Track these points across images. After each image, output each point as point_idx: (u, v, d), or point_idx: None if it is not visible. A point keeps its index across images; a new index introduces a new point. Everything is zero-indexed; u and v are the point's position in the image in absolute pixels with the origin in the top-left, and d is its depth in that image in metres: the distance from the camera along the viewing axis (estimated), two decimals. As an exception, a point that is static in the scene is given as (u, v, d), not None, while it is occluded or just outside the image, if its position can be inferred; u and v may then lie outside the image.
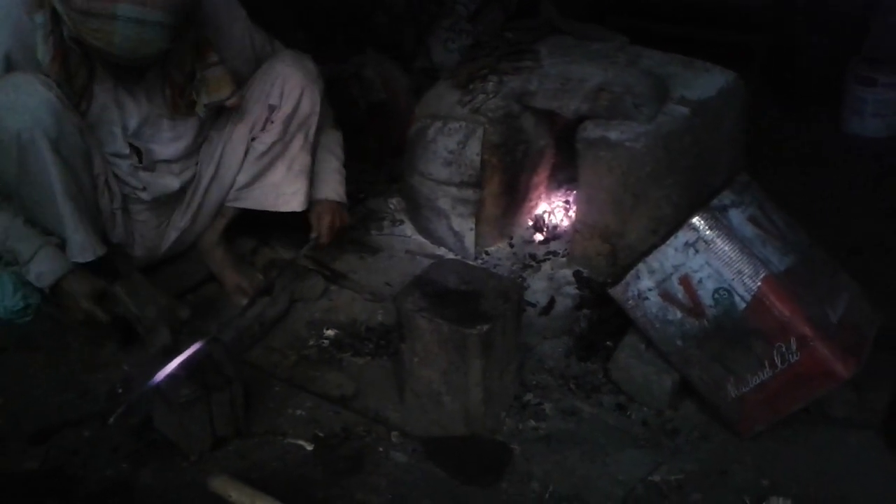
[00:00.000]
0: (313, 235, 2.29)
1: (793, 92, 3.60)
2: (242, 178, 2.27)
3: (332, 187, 2.34)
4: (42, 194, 1.91)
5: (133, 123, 2.04)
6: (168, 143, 2.12)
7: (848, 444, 1.84)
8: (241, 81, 2.17)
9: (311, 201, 2.31)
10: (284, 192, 2.28)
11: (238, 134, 2.22)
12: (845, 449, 1.83)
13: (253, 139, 2.24)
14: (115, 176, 2.09)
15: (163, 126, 2.09)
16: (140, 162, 2.09)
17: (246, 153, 2.24)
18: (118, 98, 2.01)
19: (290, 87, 2.19)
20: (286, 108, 2.20)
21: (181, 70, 2.03)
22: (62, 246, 1.97)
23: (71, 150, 1.90)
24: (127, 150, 2.07)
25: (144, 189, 2.14)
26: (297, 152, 2.27)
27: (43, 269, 1.96)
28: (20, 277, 2.12)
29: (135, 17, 1.75)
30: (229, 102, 2.10)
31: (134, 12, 1.75)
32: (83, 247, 1.96)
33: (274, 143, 2.23)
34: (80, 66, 1.92)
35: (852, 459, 1.81)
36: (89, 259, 1.98)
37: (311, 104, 2.22)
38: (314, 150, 2.31)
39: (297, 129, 2.24)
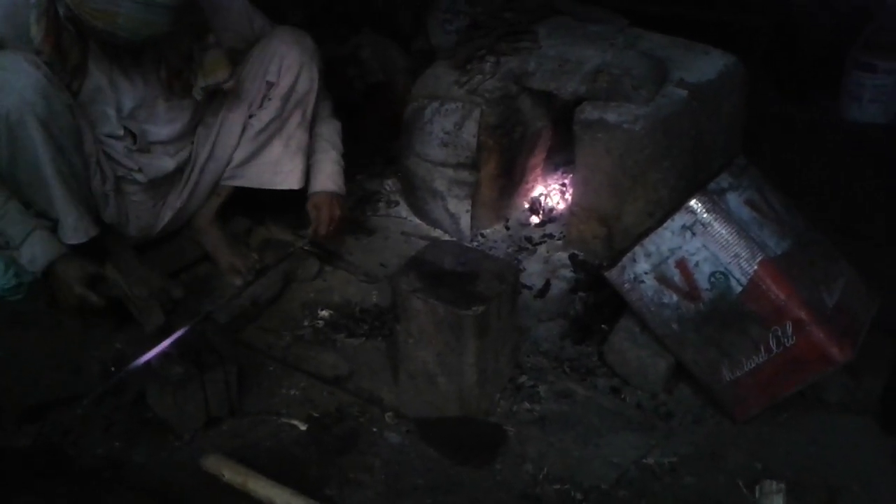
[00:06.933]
0: (311, 228, 2.26)
1: (793, 76, 3.58)
2: (239, 156, 2.25)
3: (332, 178, 2.31)
4: (33, 175, 1.89)
5: (128, 105, 2.03)
6: (163, 124, 2.11)
7: (843, 428, 1.84)
8: (238, 63, 2.15)
9: (309, 192, 2.29)
10: (282, 170, 2.26)
11: (235, 112, 2.20)
12: (840, 433, 1.83)
13: (251, 117, 2.22)
14: (110, 157, 2.07)
15: (158, 108, 2.08)
16: (134, 144, 2.08)
17: (243, 131, 2.23)
18: (113, 79, 1.99)
19: (287, 63, 2.17)
20: (284, 85, 2.18)
21: (178, 52, 2.01)
22: (54, 229, 1.95)
23: (61, 129, 1.89)
24: (121, 132, 2.05)
25: (140, 171, 2.12)
26: (295, 129, 2.25)
27: (35, 252, 1.93)
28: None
29: None
30: (226, 86, 2.09)
31: None
32: (75, 228, 1.95)
33: (272, 120, 2.21)
34: (73, 46, 1.90)
35: (847, 444, 1.81)
36: (82, 240, 1.97)
37: (309, 81, 2.20)
38: (311, 130, 2.29)
39: (294, 106, 2.22)
